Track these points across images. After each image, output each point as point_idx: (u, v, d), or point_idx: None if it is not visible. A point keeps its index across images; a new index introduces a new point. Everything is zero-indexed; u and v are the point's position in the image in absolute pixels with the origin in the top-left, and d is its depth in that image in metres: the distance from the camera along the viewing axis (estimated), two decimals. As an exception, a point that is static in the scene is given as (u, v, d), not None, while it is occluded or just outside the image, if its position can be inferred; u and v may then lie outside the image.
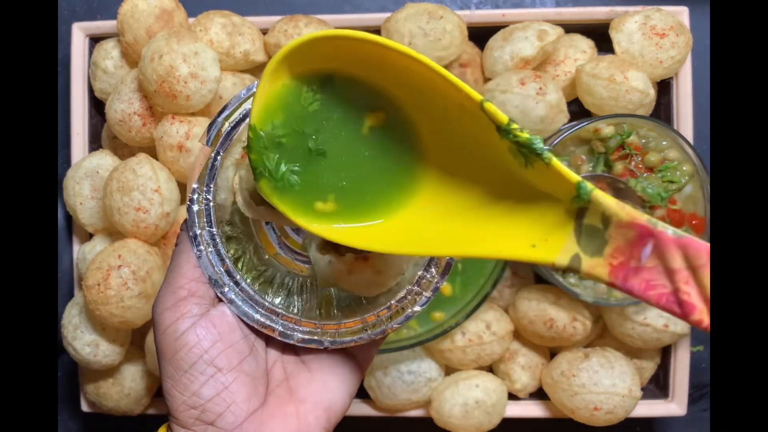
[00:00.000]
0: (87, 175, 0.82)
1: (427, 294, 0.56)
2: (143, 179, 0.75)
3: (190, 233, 0.55)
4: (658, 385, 0.86)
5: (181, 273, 0.53)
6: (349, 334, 0.56)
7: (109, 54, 0.85)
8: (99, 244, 0.83)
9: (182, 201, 0.83)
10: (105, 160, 0.82)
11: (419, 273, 0.56)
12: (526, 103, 0.76)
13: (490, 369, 0.86)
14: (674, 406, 0.83)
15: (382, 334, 0.56)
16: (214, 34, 0.80)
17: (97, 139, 0.90)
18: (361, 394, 0.86)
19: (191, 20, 0.84)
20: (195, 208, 0.55)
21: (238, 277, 0.56)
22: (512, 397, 0.85)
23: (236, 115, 0.56)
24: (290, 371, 0.56)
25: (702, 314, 0.40)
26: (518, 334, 0.84)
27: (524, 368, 0.84)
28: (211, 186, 0.56)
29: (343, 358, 0.57)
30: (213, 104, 0.80)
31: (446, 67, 0.83)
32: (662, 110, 0.85)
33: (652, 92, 0.79)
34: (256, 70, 0.86)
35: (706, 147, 0.89)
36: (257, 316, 0.55)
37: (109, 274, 0.74)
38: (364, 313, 0.57)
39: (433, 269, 0.56)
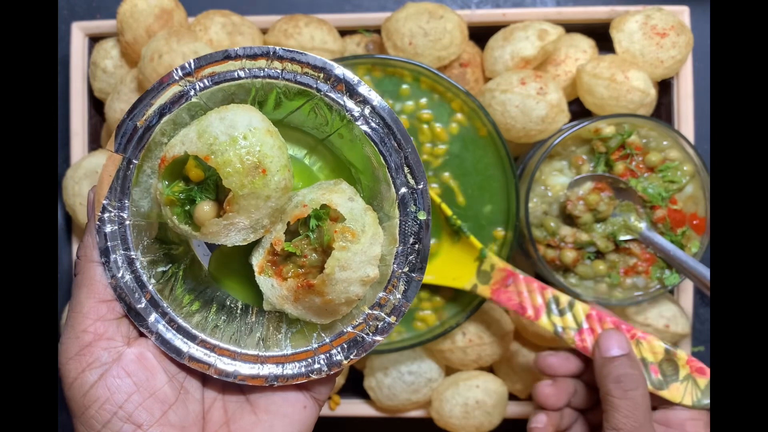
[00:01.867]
0: (86, 175, 0.81)
1: (390, 319, 0.49)
2: (143, 179, 0.75)
3: (103, 260, 0.47)
4: (658, 386, 0.86)
5: (84, 312, 0.45)
6: (299, 368, 0.49)
7: (109, 53, 0.85)
8: (99, 244, 0.83)
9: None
10: (104, 159, 0.82)
11: (380, 294, 0.49)
12: (527, 103, 0.76)
13: (491, 369, 0.86)
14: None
15: (338, 366, 0.49)
16: (214, 33, 0.80)
17: (96, 139, 0.89)
18: (362, 394, 0.86)
19: (191, 19, 0.84)
20: (108, 229, 0.47)
21: (165, 305, 0.49)
22: (513, 397, 0.85)
23: (150, 113, 0.47)
24: (232, 413, 0.49)
25: (530, 316, 0.71)
26: (519, 335, 0.84)
27: (525, 368, 0.84)
28: (126, 202, 0.48)
29: (294, 396, 0.50)
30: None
31: (447, 66, 0.83)
32: (663, 110, 0.85)
33: (652, 92, 0.79)
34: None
35: (706, 147, 0.88)
36: (190, 351, 0.48)
37: (109, 274, 0.74)
38: (317, 341, 0.50)
39: (396, 290, 0.49)
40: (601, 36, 0.84)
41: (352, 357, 0.49)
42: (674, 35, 0.79)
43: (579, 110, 0.84)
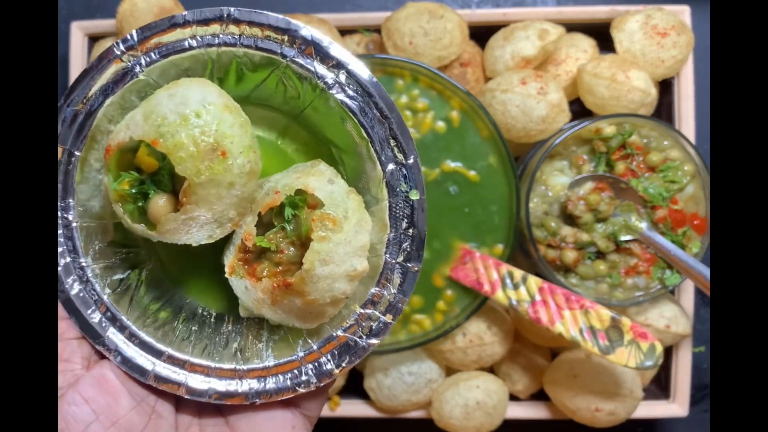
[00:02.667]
0: (86, 175, 0.81)
1: (385, 318, 0.42)
2: (142, 179, 0.74)
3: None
4: (659, 386, 0.86)
5: None
6: (284, 381, 0.43)
7: (109, 53, 0.85)
8: (98, 244, 0.83)
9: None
10: (104, 159, 0.82)
11: (373, 290, 0.42)
12: (527, 103, 0.76)
13: (491, 370, 0.86)
14: (676, 407, 0.83)
15: (329, 377, 0.43)
16: (214, 33, 0.80)
17: (96, 139, 0.89)
18: (362, 395, 0.86)
19: (191, 19, 0.84)
20: None
21: (124, 318, 0.42)
22: (513, 398, 0.85)
23: (91, 96, 0.41)
24: None
25: (487, 291, 0.74)
26: (519, 335, 0.84)
27: (525, 369, 0.84)
28: (70, 201, 0.43)
29: (280, 414, 0.43)
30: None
31: (447, 66, 0.82)
32: (664, 110, 0.85)
33: (653, 92, 0.78)
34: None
35: (707, 147, 0.88)
36: (156, 370, 0.42)
37: (108, 274, 0.73)
38: (303, 349, 0.43)
39: (390, 284, 0.42)
40: (601, 36, 0.84)
41: (344, 365, 0.43)
42: (675, 35, 0.79)
43: (580, 110, 0.84)
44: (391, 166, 0.42)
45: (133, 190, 0.41)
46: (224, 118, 0.39)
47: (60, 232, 0.42)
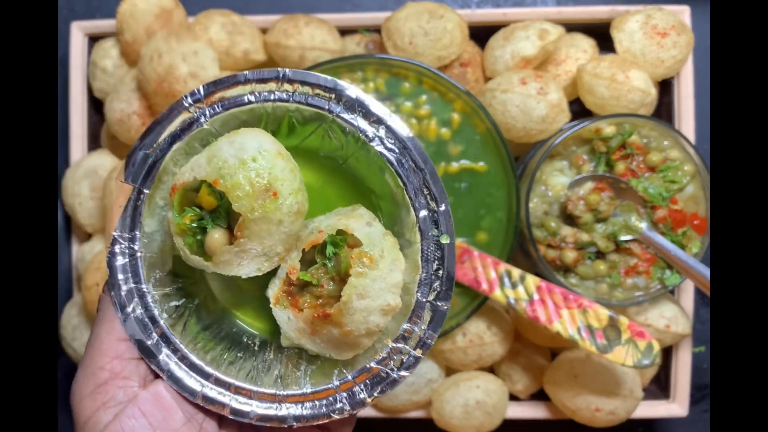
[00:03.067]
0: (86, 175, 0.81)
1: (416, 353, 0.46)
2: (142, 179, 0.75)
3: (113, 294, 0.46)
4: (659, 386, 0.86)
5: (102, 349, 0.44)
6: (320, 407, 0.47)
7: (108, 53, 0.85)
8: (98, 244, 0.83)
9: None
10: (104, 159, 0.82)
11: (404, 326, 0.47)
12: (527, 103, 0.76)
13: (491, 370, 0.86)
14: (675, 407, 0.83)
15: (361, 405, 0.46)
16: (214, 33, 0.80)
17: (96, 139, 0.89)
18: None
19: (191, 19, 0.84)
20: (118, 261, 0.46)
21: (177, 341, 0.47)
22: (513, 397, 0.85)
23: (160, 142, 0.46)
24: None
25: (485, 289, 0.73)
26: (519, 335, 0.84)
27: (525, 369, 0.84)
28: (136, 233, 0.47)
29: None
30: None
31: (447, 66, 0.82)
32: (664, 110, 0.85)
33: (653, 92, 0.79)
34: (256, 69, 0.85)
35: (707, 147, 0.88)
36: (204, 391, 0.46)
37: (109, 274, 0.73)
38: (339, 379, 0.47)
39: (421, 321, 0.46)
40: (601, 36, 0.84)
41: (376, 394, 0.46)
42: (675, 35, 0.79)
43: (579, 110, 0.84)
44: (423, 213, 0.47)
45: (194, 225, 0.46)
46: (277, 163, 0.45)
47: (126, 261, 0.47)
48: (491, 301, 0.75)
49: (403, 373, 0.46)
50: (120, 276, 0.46)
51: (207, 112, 0.47)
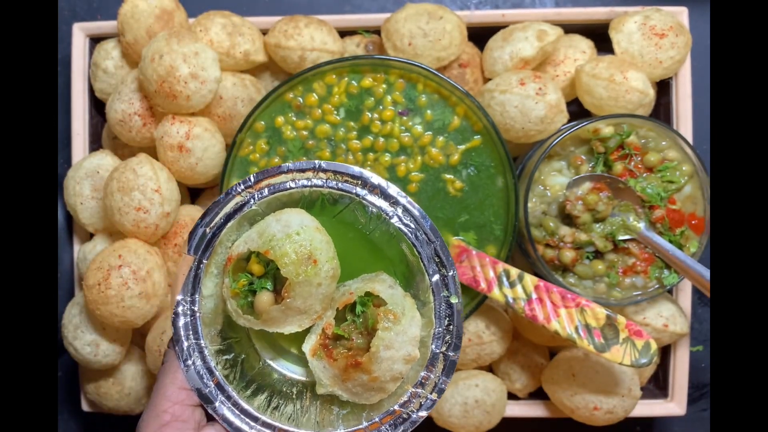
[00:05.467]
0: (87, 175, 0.82)
1: (432, 396, 0.54)
2: (143, 179, 0.75)
3: (176, 348, 0.53)
4: (657, 385, 0.87)
5: (166, 395, 0.51)
6: None
7: (110, 54, 0.85)
8: (99, 244, 0.83)
9: (183, 201, 0.83)
10: (105, 160, 0.82)
11: (422, 374, 0.55)
12: (526, 103, 0.76)
13: (490, 368, 0.86)
14: (674, 405, 0.83)
15: None
16: (215, 34, 0.80)
17: (97, 140, 0.90)
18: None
19: (191, 20, 0.84)
20: (181, 321, 0.54)
21: (230, 389, 0.55)
22: (512, 396, 0.85)
23: (217, 221, 0.55)
24: None
25: (483, 288, 0.74)
26: (518, 334, 0.84)
27: (524, 368, 0.84)
28: (196, 297, 0.55)
29: None
30: (213, 104, 0.80)
31: (446, 67, 0.83)
32: (662, 110, 0.85)
33: (651, 92, 0.79)
34: (256, 70, 0.86)
35: (705, 147, 0.89)
36: None
37: (110, 273, 0.74)
38: (367, 420, 0.55)
39: (436, 369, 0.54)
40: (600, 37, 0.84)
41: None
42: (673, 36, 0.79)
43: (578, 110, 0.84)
44: (435, 277, 0.55)
45: (245, 288, 0.55)
46: (315, 236, 0.54)
47: (188, 320, 0.54)
48: (490, 300, 0.76)
49: (422, 413, 0.54)
50: (182, 333, 0.54)
51: (256, 196, 0.55)
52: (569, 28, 0.85)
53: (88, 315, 0.80)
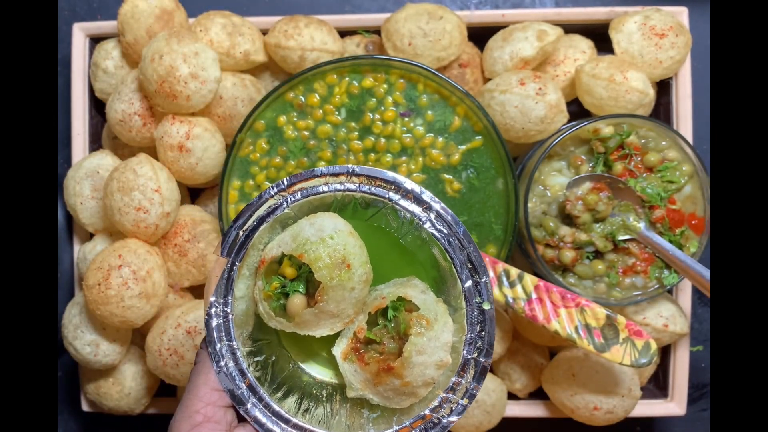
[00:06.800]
0: (87, 175, 0.82)
1: (463, 402, 0.54)
2: (143, 179, 0.75)
3: (210, 349, 0.54)
4: (657, 385, 0.87)
5: (198, 396, 0.52)
6: None
7: (110, 54, 0.85)
8: (99, 244, 0.83)
9: (183, 201, 0.83)
10: (105, 160, 0.83)
11: (453, 379, 0.54)
12: (526, 103, 0.76)
13: (490, 368, 0.86)
14: (674, 405, 0.83)
15: None
16: (215, 34, 0.80)
17: (97, 140, 0.90)
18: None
19: (191, 20, 0.84)
20: (214, 322, 0.54)
21: (262, 391, 0.55)
22: (512, 396, 0.85)
23: (250, 223, 0.55)
24: None
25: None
26: (518, 334, 0.84)
27: (524, 368, 0.84)
28: (229, 298, 0.55)
29: None
30: (213, 104, 0.80)
31: (446, 67, 0.83)
32: (662, 110, 0.85)
33: (651, 92, 0.79)
34: (256, 70, 0.86)
35: (705, 147, 0.89)
36: None
37: (110, 273, 0.74)
38: (397, 424, 0.55)
39: (467, 374, 0.54)
40: (600, 37, 0.84)
41: None
42: (673, 36, 0.79)
43: (578, 110, 0.85)
44: (468, 283, 0.54)
45: (278, 291, 0.55)
46: (349, 240, 0.54)
47: (220, 321, 0.54)
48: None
49: (452, 418, 0.53)
50: (215, 334, 0.54)
51: (289, 200, 0.55)
52: (569, 28, 0.85)
53: (88, 315, 0.80)
